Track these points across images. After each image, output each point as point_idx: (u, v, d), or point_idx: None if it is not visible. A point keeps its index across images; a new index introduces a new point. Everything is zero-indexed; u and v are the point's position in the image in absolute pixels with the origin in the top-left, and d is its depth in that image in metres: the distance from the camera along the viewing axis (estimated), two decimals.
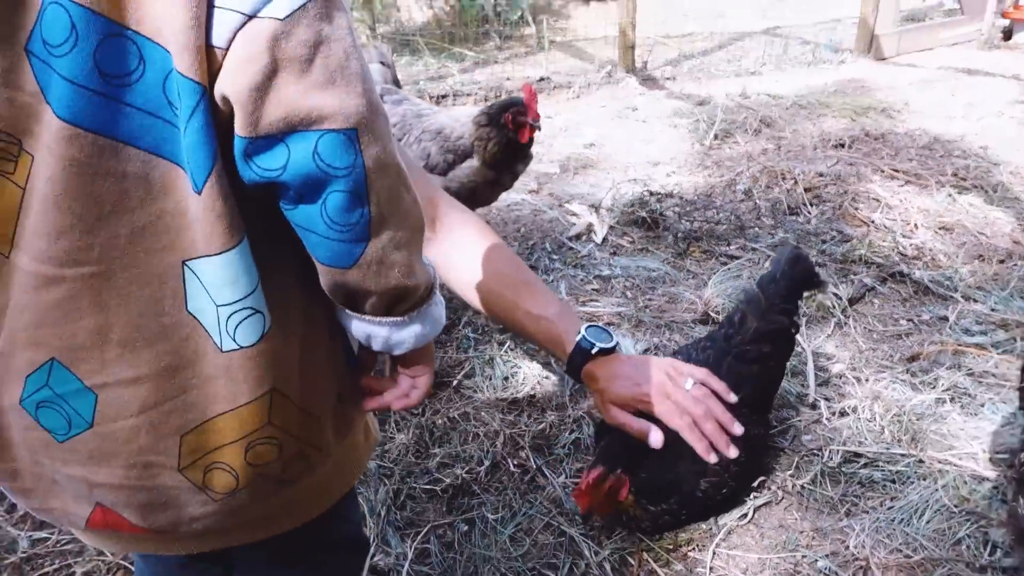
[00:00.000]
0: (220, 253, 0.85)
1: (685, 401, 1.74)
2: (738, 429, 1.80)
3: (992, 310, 2.92)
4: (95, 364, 0.88)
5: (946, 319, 2.89)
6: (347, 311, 0.98)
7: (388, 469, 2.15)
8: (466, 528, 1.98)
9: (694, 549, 1.89)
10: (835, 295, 3.03)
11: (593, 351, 1.76)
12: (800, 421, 2.32)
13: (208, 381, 0.91)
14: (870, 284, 3.14)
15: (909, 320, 2.95)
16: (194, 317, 0.88)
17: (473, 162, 2.81)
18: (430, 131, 2.91)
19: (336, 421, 1.07)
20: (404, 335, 0.98)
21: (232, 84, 0.79)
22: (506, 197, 4.00)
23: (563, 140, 5.00)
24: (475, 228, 1.88)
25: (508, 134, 2.75)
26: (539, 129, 2.79)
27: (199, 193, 0.82)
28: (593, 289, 3.17)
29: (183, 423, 0.91)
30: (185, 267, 0.86)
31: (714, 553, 1.86)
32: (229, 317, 0.88)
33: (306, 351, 0.98)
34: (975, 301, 3.00)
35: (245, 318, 0.88)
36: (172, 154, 0.83)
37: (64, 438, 0.90)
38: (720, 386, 1.84)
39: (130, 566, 1.83)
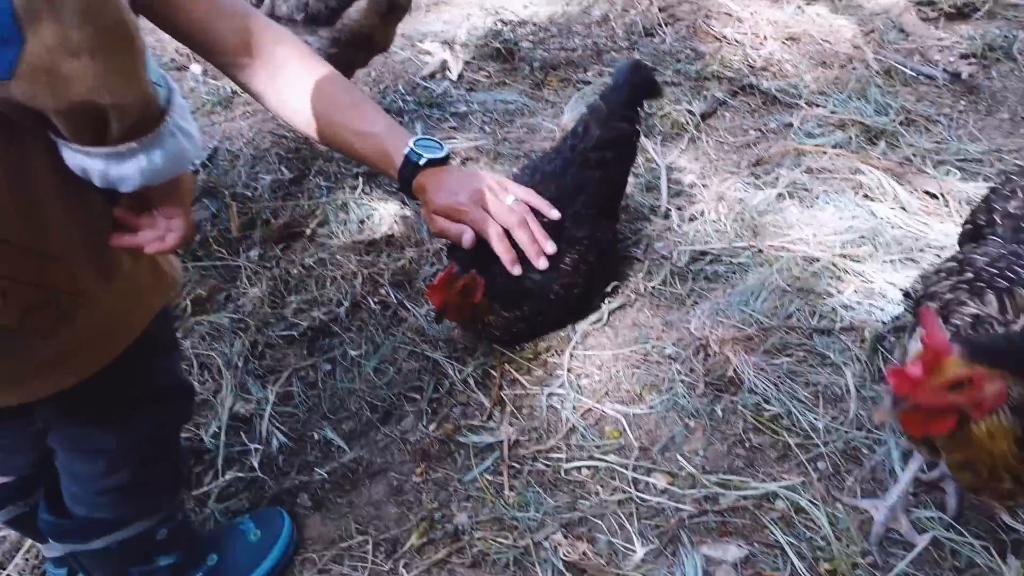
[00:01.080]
0: None
1: (499, 211, 1.73)
2: (551, 248, 1.80)
3: (832, 112, 3.04)
4: None
5: (791, 125, 2.99)
6: (54, 137, 0.82)
7: (243, 322, 2.07)
8: (329, 367, 1.96)
9: (553, 355, 1.96)
10: (688, 111, 3.06)
11: (421, 163, 1.70)
12: (653, 231, 2.39)
13: None
14: (721, 98, 3.19)
15: (757, 129, 3.03)
16: None
17: (360, 3, 2.52)
18: None
19: (96, 262, 0.95)
20: (126, 170, 0.84)
21: None
22: None
23: None
24: (295, 51, 1.73)
25: None
26: None
27: None
28: (451, 127, 3.06)
29: None
30: None
31: (571, 355, 1.94)
32: None
33: (21, 188, 0.83)
34: (817, 106, 3.11)
35: None
36: None
37: None
38: (541, 203, 1.83)
39: None
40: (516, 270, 1.77)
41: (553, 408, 1.82)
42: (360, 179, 2.63)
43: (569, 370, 1.90)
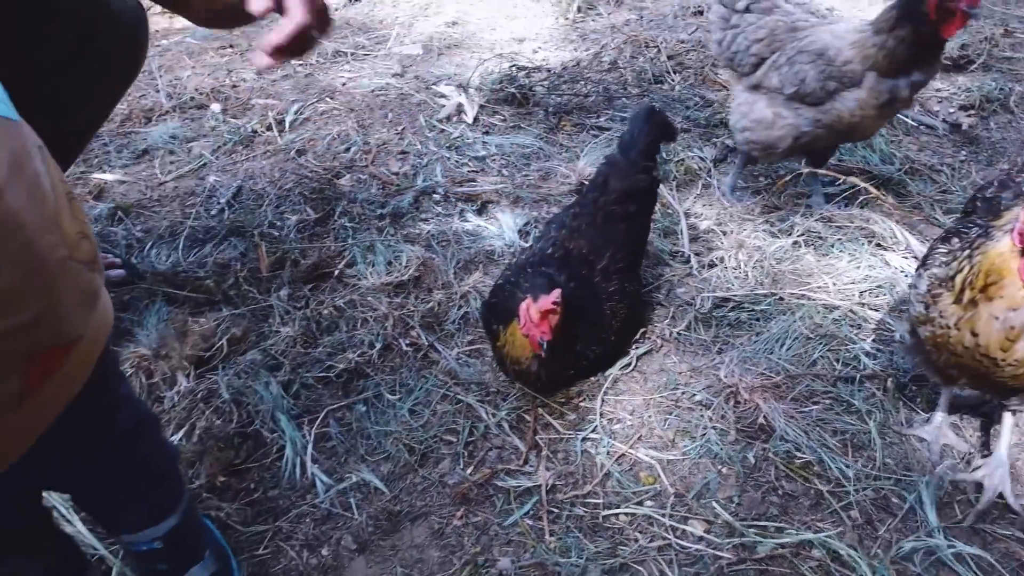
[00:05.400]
0: None
1: None
2: None
3: (839, 161, 3.14)
4: None
5: (801, 173, 3.08)
6: None
7: (276, 362, 2.10)
8: (364, 408, 1.98)
9: (584, 399, 2.00)
10: (700, 158, 3.16)
11: None
12: (674, 276, 2.45)
13: None
14: (732, 145, 3.28)
15: (767, 177, 3.13)
16: None
17: (859, 92, 2.41)
18: (809, 52, 2.46)
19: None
20: None
21: None
22: (369, 82, 3.82)
23: (424, 20, 4.76)
24: None
25: (923, 28, 2.25)
26: (975, 18, 2.29)
27: None
28: (470, 170, 3.13)
29: None
30: None
31: (603, 400, 1.98)
32: None
33: None
34: None
35: None
36: None
37: None
38: None
39: None
40: None
41: (588, 453, 1.86)
42: (386, 220, 2.68)
43: (601, 415, 1.94)
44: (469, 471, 1.82)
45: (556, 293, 1.69)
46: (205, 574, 1.46)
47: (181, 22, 4.82)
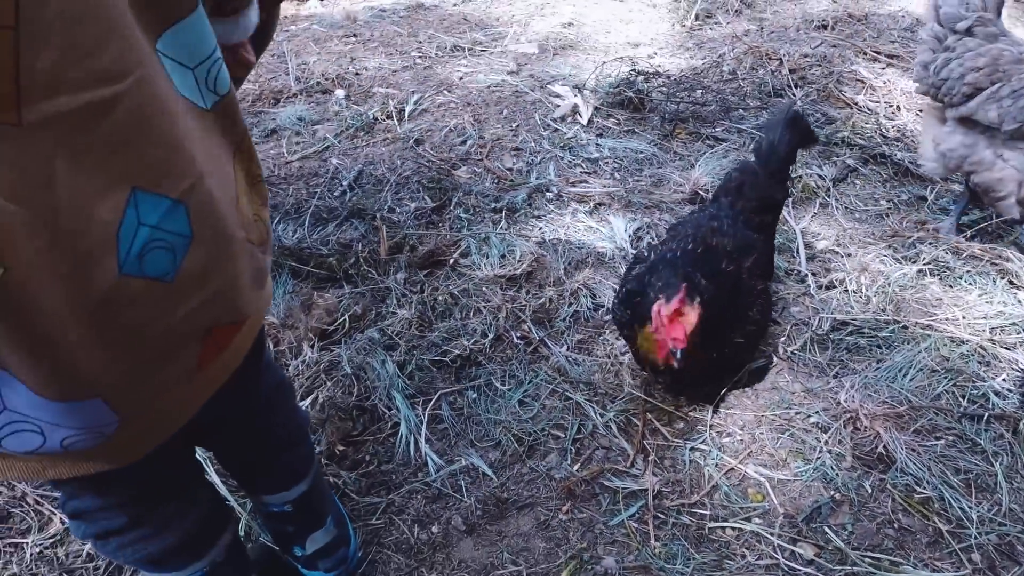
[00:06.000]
0: None
1: None
2: None
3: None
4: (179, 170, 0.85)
5: (924, 199, 2.97)
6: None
7: (392, 342, 2.18)
8: (475, 395, 2.04)
9: (694, 409, 1.99)
10: (819, 176, 3.08)
11: None
12: (789, 294, 2.40)
13: None
14: (853, 165, 3.19)
15: (889, 200, 3.02)
16: None
17: None
18: None
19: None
20: None
21: None
22: (485, 78, 3.89)
23: (540, 19, 4.81)
24: None
25: None
26: None
27: None
28: (583, 171, 3.15)
29: None
30: None
31: (713, 412, 1.96)
32: None
33: None
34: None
35: None
36: None
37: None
38: None
39: None
40: None
41: (695, 463, 1.85)
42: (500, 213, 2.73)
43: (711, 427, 1.93)
44: (576, 467, 1.84)
45: (686, 290, 1.59)
46: (326, 539, 1.53)
47: (308, 9, 5.04)
